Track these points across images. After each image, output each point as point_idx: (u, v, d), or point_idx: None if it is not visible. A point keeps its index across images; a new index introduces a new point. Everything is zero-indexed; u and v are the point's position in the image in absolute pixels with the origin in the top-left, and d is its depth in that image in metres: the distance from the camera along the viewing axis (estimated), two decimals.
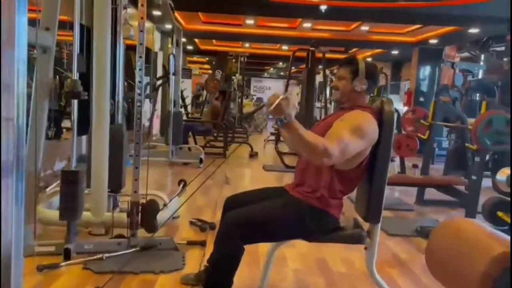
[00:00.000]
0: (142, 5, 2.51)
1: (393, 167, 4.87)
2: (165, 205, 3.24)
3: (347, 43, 9.80)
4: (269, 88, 22.52)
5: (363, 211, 1.93)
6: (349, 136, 1.70)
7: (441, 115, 4.70)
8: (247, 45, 12.42)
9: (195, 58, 16.62)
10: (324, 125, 1.90)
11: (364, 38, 9.54)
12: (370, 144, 1.80)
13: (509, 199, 2.66)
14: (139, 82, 2.57)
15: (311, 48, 7.00)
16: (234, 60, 12.71)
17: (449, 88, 8.47)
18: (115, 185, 2.96)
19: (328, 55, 7.81)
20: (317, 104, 9.50)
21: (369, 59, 12.99)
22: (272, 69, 20.53)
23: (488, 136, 3.13)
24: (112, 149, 2.78)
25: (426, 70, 10.12)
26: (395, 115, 1.89)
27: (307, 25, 8.67)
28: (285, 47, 12.11)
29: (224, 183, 5.01)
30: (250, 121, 12.39)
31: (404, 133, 5.18)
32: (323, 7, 6.34)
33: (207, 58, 16.44)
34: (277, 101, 1.53)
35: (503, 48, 6.83)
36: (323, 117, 9.60)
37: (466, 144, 3.57)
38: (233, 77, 12.35)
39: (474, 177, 3.39)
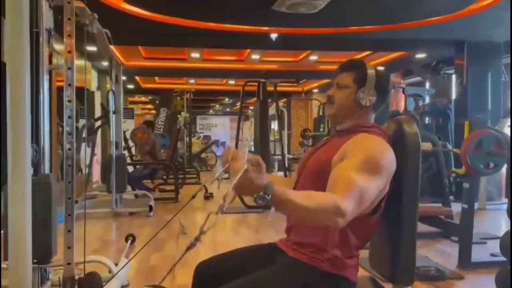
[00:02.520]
0: (69, 19, 1.96)
1: None
2: (110, 272, 2.59)
3: (296, 74, 9.65)
4: (216, 125, 22.02)
5: (386, 269, 1.43)
6: (362, 176, 1.21)
7: None
8: (192, 81, 11.96)
9: (136, 98, 15.89)
10: (317, 161, 1.42)
11: (312, 68, 9.43)
12: (389, 178, 1.32)
13: None
14: (69, 117, 1.98)
15: (261, 80, 6.69)
16: (179, 97, 12.20)
17: (400, 113, 8.47)
18: (42, 254, 2.29)
19: (279, 87, 7.54)
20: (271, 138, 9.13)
21: (316, 90, 12.97)
22: (218, 105, 20.16)
23: (479, 158, 2.82)
24: (36, 207, 2.15)
25: None
26: None
27: (256, 56, 8.40)
28: (232, 82, 11.79)
29: (180, 233, 4.35)
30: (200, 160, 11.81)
31: None
32: (273, 36, 6.05)
33: (149, 97, 15.77)
34: (238, 176, 1.05)
35: (452, 71, 6.88)
36: (277, 151, 9.26)
37: (453, 169, 3.26)
38: (178, 116, 11.79)
39: (465, 206, 3.04)
